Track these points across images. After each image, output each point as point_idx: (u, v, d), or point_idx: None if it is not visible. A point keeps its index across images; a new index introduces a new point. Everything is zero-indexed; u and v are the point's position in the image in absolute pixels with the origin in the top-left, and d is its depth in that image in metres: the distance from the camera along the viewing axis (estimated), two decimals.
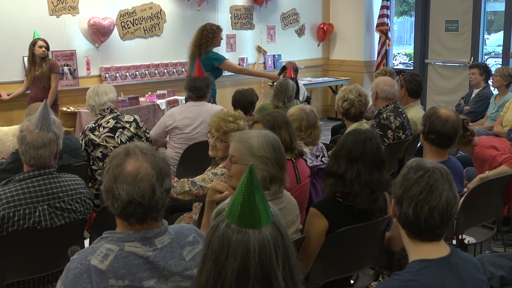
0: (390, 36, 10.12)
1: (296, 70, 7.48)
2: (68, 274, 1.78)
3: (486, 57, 10.58)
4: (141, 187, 1.81)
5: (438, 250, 1.87)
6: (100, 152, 4.29)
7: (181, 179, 3.35)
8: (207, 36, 6.49)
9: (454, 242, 3.50)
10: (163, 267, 1.85)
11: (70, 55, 7.26)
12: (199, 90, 4.91)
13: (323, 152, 4.13)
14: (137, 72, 7.91)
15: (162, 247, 1.87)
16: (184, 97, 7.07)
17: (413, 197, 1.85)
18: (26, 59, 6.55)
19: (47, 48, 6.37)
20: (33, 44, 6.33)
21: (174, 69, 8.37)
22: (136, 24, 7.80)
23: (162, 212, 1.90)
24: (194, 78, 5.02)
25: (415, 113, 5.14)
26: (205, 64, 6.03)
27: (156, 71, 8.14)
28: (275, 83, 6.09)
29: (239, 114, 3.52)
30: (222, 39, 6.71)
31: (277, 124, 3.35)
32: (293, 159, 3.36)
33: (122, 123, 4.40)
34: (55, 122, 2.87)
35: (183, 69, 8.42)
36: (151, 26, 8.08)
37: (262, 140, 2.64)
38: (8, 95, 6.53)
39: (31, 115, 3.84)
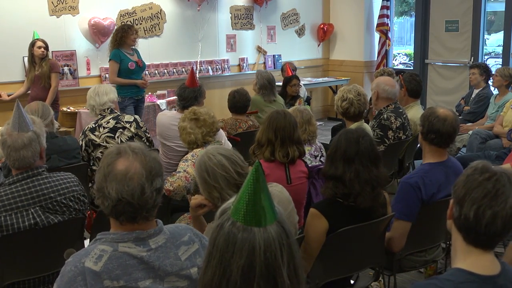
0: (390, 36, 10.12)
1: (294, 68, 7.79)
2: (63, 277, 1.79)
3: (486, 57, 10.59)
4: (130, 186, 1.80)
5: (489, 265, 1.75)
6: (101, 152, 4.28)
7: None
8: (116, 35, 6.56)
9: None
10: (158, 267, 1.85)
11: (70, 55, 7.26)
12: (186, 101, 4.75)
13: (321, 151, 4.14)
14: None
15: (156, 248, 1.87)
16: None
17: (476, 199, 1.72)
18: (26, 59, 6.55)
19: (46, 48, 6.35)
20: (32, 44, 6.32)
21: (174, 69, 8.37)
22: (136, 24, 7.79)
23: (153, 212, 1.89)
24: (184, 87, 4.84)
25: (415, 113, 5.14)
26: None
27: (156, 71, 8.14)
28: (259, 80, 6.18)
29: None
30: (135, 38, 6.68)
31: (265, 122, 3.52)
32: (285, 162, 3.41)
33: (122, 123, 4.40)
34: (34, 121, 2.85)
35: (183, 69, 8.43)
36: (151, 26, 8.08)
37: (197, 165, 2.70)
38: (9, 95, 6.54)
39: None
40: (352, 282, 3.21)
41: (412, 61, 10.82)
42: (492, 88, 7.13)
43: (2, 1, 6.62)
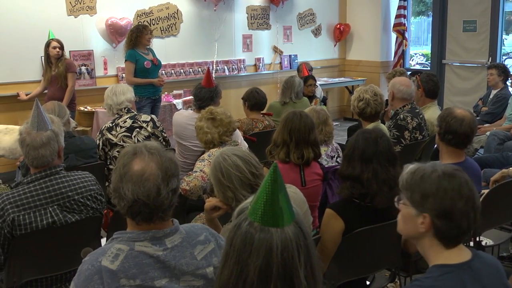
0: (407, 37, 10.08)
1: (310, 69, 7.84)
2: (80, 275, 1.80)
3: (504, 57, 10.49)
4: (146, 187, 1.81)
5: (460, 254, 1.82)
6: (117, 151, 4.31)
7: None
8: (131, 36, 6.60)
9: (472, 244, 3.47)
10: (174, 267, 1.85)
11: (88, 55, 7.32)
12: (202, 101, 4.78)
13: (338, 152, 4.13)
14: None
15: (172, 247, 1.88)
16: None
17: (464, 208, 1.78)
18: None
19: (61, 48, 6.38)
20: (47, 45, 6.36)
21: (191, 69, 8.40)
22: (153, 24, 7.84)
23: (169, 212, 1.90)
24: (201, 87, 4.87)
25: (432, 113, 5.11)
26: None
27: (172, 71, 8.18)
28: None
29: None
30: (150, 38, 6.71)
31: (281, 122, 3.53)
32: (300, 164, 3.41)
33: (139, 122, 4.42)
34: (53, 120, 2.88)
35: (199, 69, 8.45)
36: (168, 26, 8.12)
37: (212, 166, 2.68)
38: (27, 95, 6.60)
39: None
40: (368, 283, 3.19)
41: (429, 62, 10.75)
42: (510, 89, 7.06)
43: (21, 2, 6.69)
